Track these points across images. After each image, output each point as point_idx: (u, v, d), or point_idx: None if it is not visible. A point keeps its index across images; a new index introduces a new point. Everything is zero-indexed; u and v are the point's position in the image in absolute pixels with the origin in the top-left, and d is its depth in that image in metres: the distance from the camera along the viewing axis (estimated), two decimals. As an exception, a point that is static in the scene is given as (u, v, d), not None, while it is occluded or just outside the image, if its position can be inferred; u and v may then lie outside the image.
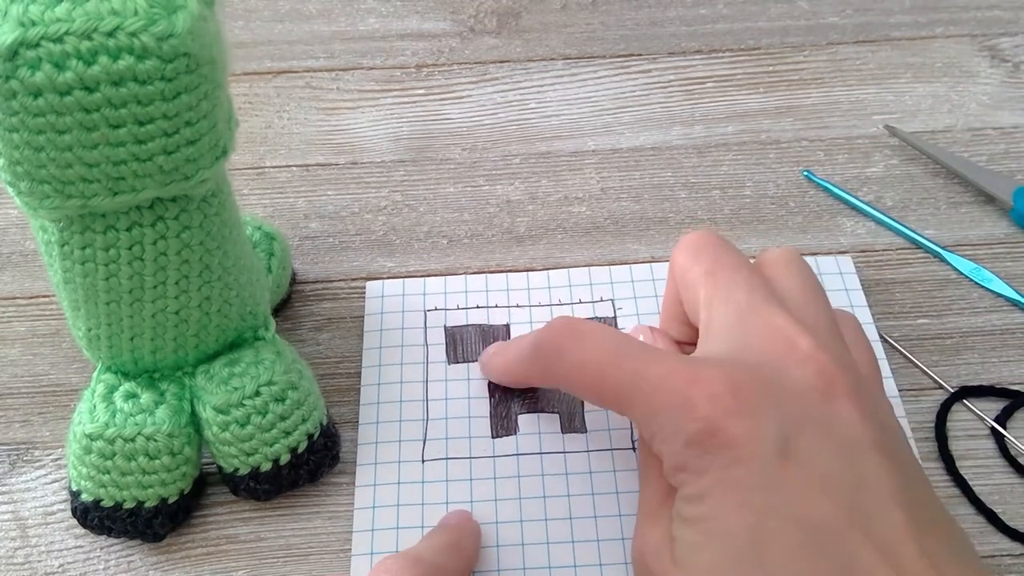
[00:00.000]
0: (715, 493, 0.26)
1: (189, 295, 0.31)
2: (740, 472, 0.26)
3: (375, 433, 0.37)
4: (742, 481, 0.26)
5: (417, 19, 0.54)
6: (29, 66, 0.24)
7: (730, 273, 0.31)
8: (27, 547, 0.35)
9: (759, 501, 0.26)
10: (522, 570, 0.33)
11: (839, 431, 0.27)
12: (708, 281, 0.31)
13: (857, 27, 0.53)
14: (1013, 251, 0.43)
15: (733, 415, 0.27)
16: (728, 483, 0.26)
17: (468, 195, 0.46)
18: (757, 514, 0.26)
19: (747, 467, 0.26)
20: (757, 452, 0.26)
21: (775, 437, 0.26)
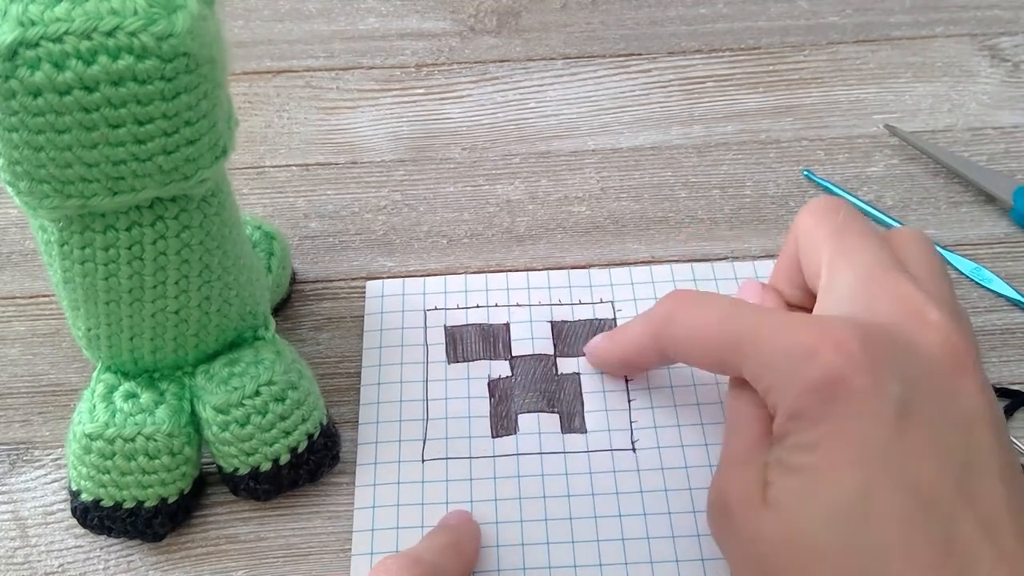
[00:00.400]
0: (828, 444, 0.26)
1: (189, 295, 0.31)
2: (858, 426, 0.26)
3: (375, 433, 0.37)
4: (858, 436, 0.26)
5: (417, 19, 0.54)
6: (29, 66, 0.24)
7: (857, 238, 0.31)
8: (27, 547, 0.35)
9: (873, 459, 0.26)
10: (522, 570, 0.33)
11: (959, 404, 0.27)
12: (833, 242, 0.31)
13: (857, 27, 0.53)
14: (1013, 251, 0.43)
15: (859, 367, 0.26)
16: (843, 436, 0.26)
17: (468, 195, 0.46)
18: (869, 471, 0.25)
19: (866, 422, 0.26)
20: (878, 409, 0.26)
21: (897, 397, 0.26)
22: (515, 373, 0.38)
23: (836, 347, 0.27)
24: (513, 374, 0.38)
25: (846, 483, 0.26)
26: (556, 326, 0.40)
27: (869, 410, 0.26)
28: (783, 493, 0.27)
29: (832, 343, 0.27)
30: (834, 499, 0.26)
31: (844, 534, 0.25)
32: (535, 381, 0.38)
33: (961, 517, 0.25)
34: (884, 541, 0.25)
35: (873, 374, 0.26)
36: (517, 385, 0.38)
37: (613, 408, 0.37)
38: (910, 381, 0.27)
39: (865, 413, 0.26)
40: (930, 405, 0.26)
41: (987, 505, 0.25)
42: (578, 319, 0.40)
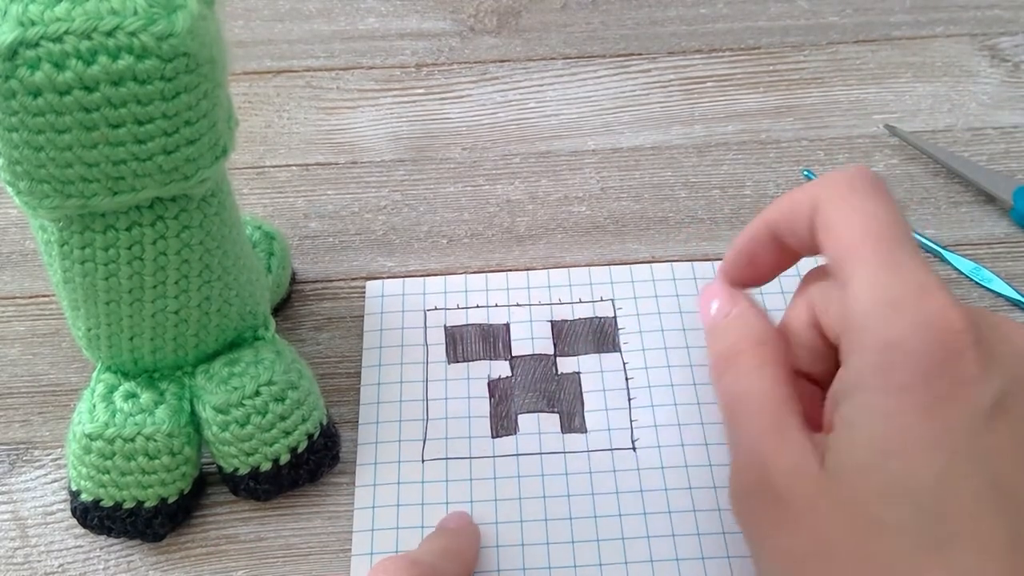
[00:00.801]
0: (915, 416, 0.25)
1: (189, 295, 0.31)
2: (955, 409, 0.25)
3: (375, 433, 0.37)
4: (952, 417, 0.25)
5: (417, 19, 0.54)
6: (29, 66, 0.24)
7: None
8: (27, 547, 0.35)
9: (960, 444, 0.25)
10: (522, 570, 0.33)
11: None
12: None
13: (857, 27, 0.53)
14: (1013, 251, 0.43)
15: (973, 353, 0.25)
16: (935, 414, 0.25)
17: (468, 195, 0.46)
18: (953, 456, 0.25)
19: (963, 407, 0.25)
20: (978, 397, 0.25)
21: (998, 390, 0.25)
22: (515, 373, 0.38)
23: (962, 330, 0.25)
24: (513, 374, 0.38)
25: (928, 463, 0.24)
26: (556, 326, 0.40)
27: (969, 397, 0.25)
28: (849, 462, 0.25)
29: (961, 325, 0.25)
30: (911, 478, 0.25)
31: (913, 515, 0.24)
32: (535, 381, 0.38)
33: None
34: (952, 527, 0.24)
35: (982, 365, 0.25)
36: (517, 385, 0.38)
37: (613, 407, 0.37)
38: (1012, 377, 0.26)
39: (964, 399, 0.25)
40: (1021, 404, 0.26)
41: None
42: (578, 318, 0.40)
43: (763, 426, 0.28)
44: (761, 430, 0.28)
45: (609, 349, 0.39)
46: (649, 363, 0.39)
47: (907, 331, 0.25)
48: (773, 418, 0.28)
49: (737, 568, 0.33)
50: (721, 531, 0.34)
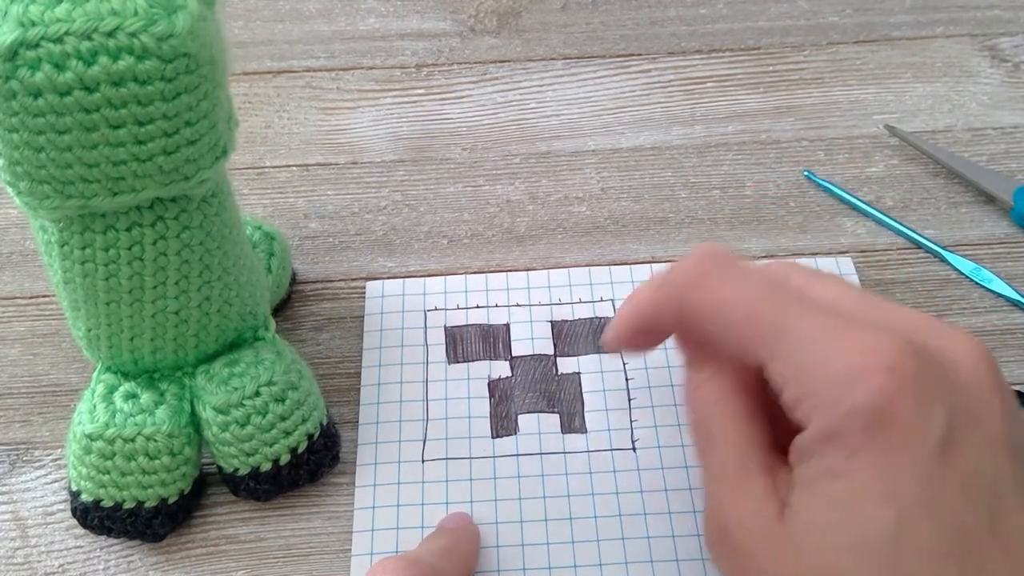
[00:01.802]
0: (866, 473, 0.24)
1: (189, 295, 0.31)
2: (901, 457, 0.24)
3: (375, 433, 0.37)
4: (900, 467, 0.24)
5: (417, 19, 0.54)
6: (29, 66, 0.24)
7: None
8: (27, 547, 0.35)
9: (912, 491, 0.24)
10: (522, 570, 0.33)
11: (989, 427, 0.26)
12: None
13: (857, 27, 0.53)
14: (1013, 251, 0.43)
15: (909, 393, 0.24)
16: (885, 466, 0.24)
17: (468, 195, 0.46)
18: (907, 503, 0.24)
19: (909, 454, 0.24)
20: (922, 439, 0.24)
21: (942, 425, 0.25)
22: (515, 373, 0.38)
23: (889, 371, 0.25)
24: (513, 374, 0.38)
25: (881, 516, 0.24)
26: (556, 326, 0.40)
27: (913, 440, 0.24)
28: (807, 520, 0.25)
29: (885, 365, 0.25)
30: (866, 531, 0.24)
31: (874, 569, 0.24)
32: (535, 381, 0.38)
33: (993, 558, 0.24)
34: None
35: (923, 402, 0.25)
36: (517, 385, 0.38)
37: (613, 408, 0.37)
38: (955, 406, 0.25)
39: (909, 444, 0.24)
40: (970, 433, 0.25)
41: (1016, 542, 0.24)
42: (578, 318, 0.40)
43: (728, 466, 0.28)
44: (725, 470, 0.28)
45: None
46: (649, 363, 0.39)
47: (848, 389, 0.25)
48: (737, 463, 0.27)
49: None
50: (721, 531, 0.34)
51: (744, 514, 0.26)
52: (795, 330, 0.26)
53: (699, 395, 0.29)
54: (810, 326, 0.26)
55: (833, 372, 0.25)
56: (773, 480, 0.27)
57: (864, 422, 0.25)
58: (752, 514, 0.26)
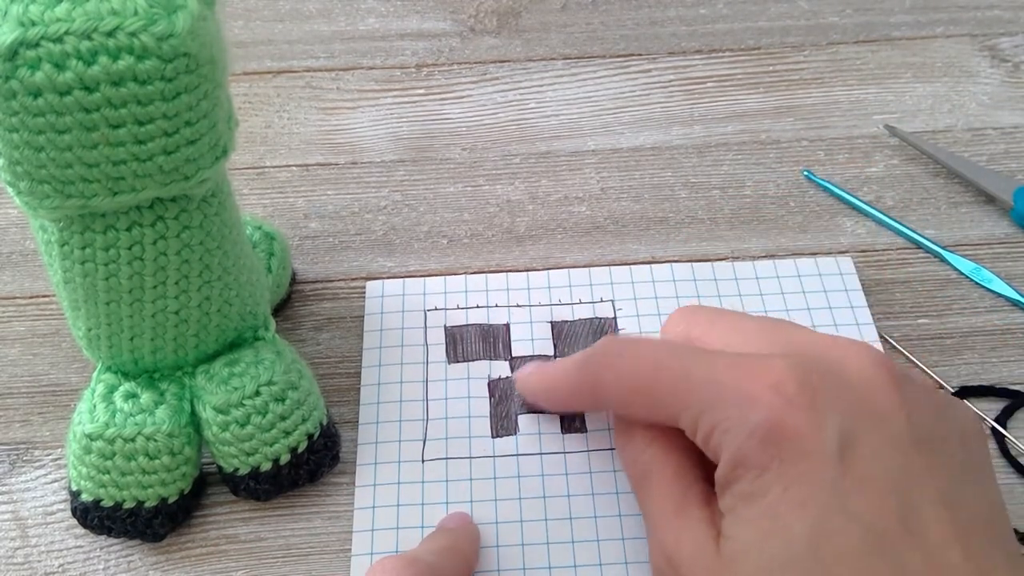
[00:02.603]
0: (776, 489, 0.26)
1: (189, 295, 0.31)
2: (803, 468, 0.26)
3: (375, 433, 0.37)
4: (804, 477, 0.25)
5: (417, 19, 0.54)
6: (29, 66, 0.24)
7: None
8: (27, 547, 0.35)
9: (820, 499, 0.25)
10: (522, 570, 0.33)
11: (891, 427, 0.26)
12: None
13: (857, 27, 0.53)
14: (1013, 251, 0.43)
15: (798, 406, 0.26)
16: (790, 478, 0.26)
17: (468, 195, 0.46)
18: (818, 512, 0.25)
19: (810, 463, 0.25)
20: (820, 447, 0.26)
21: (838, 431, 0.26)
22: (515, 373, 0.38)
23: (774, 390, 0.26)
24: (513, 374, 0.38)
25: (796, 528, 0.25)
26: (556, 326, 0.40)
27: (812, 450, 0.26)
28: (738, 545, 0.26)
29: (769, 385, 0.26)
30: (786, 546, 0.25)
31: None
32: (535, 381, 0.38)
33: (908, 550, 0.25)
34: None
35: (812, 412, 0.26)
36: (517, 385, 0.38)
37: (613, 408, 0.37)
38: (848, 411, 0.26)
39: (808, 453, 0.26)
40: (868, 434, 0.26)
41: (933, 533, 0.25)
42: (578, 319, 0.40)
43: (666, 504, 0.29)
44: (664, 513, 0.29)
45: (609, 349, 0.39)
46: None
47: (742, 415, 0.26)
48: (675, 498, 0.29)
49: None
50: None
51: (685, 546, 0.28)
52: (696, 378, 0.28)
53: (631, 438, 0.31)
54: (706, 370, 0.28)
55: (729, 401, 0.27)
56: (711, 511, 0.28)
57: (761, 441, 0.26)
58: (693, 545, 0.28)
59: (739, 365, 0.28)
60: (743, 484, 0.27)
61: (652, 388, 0.29)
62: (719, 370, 0.28)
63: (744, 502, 0.26)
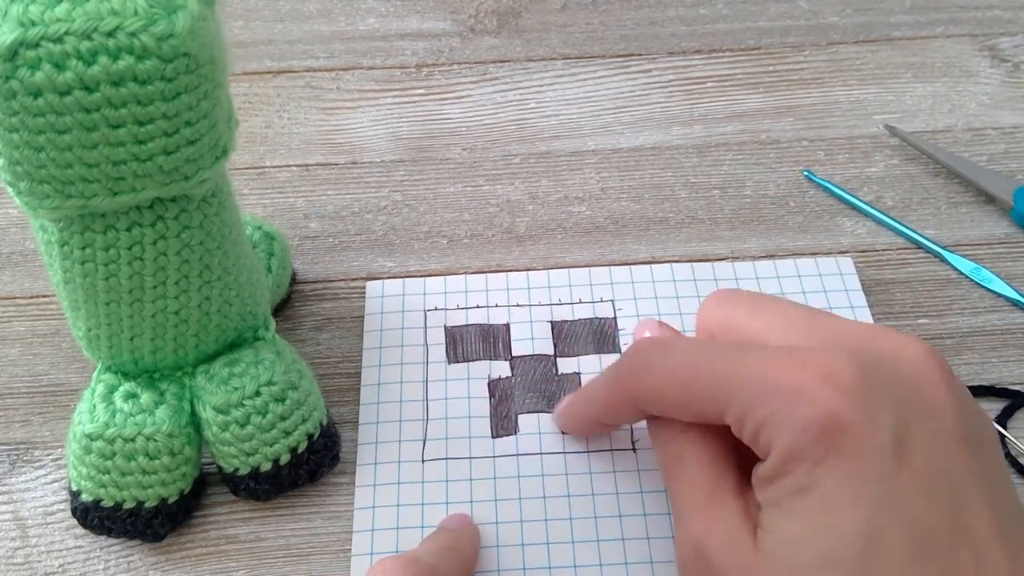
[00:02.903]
0: (828, 483, 0.25)
1: (189, 295, 0.31)
2: (857, 462, 0.25)
3: (375, 433, 0.37)
4: (858, 472, 0.25)
5: (417, 19, 0.54)
6: (29, 66, 0.24)
7: None
8: (27, 547, 0.35)
9: (873, 495, 0.25)
10: (522, 570, 0.33)
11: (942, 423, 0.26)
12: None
13: (857, 27, 0.53)
14: (1013, 251, 0.43)
15: (852, 400, 0.25)
16: (843, 473, 0.25)
17: (468, 195, 0.46)
18: (870, 509, 0.25)
19: (864, 457, 0.25)
20: (875, 441, 0.25)
21: (892, 425, 0.25)
22: (515, 373, 0.38)
23: (828, 382, 0.26)
24: (513, 374, 0.38)
25: (847, 524, 0.25)
26: (556, 326, 0.40)
27: (866, 444, 0.25)
28: (780, 538, 0.26)
29: (821, 377, 0.26)
30: (835, 541, 0.25)
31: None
32: (535, 381, 0.38)
33: (958, 551, 0.24)
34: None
35: (867, 405, 0.25)
36: (517, 385, 0.38)
37: (613, 408, 0.37)
38: (902, 405, 0.26)
39: (862, 448, 0.25)
40: (921, 429, 0.26)
41: (979, 534, 0.25)
42: (578, 318, 0.40)
43: (698, 495, 0.28)
44: (696, 502, 0.28)
45: (609, 350, 0.39)
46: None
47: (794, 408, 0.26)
48: (708, 486, 0.28)
49: None
50: (721, 531, 0.34)
51: (719, 536, 0.27)
52: (741, 373, 0.27)
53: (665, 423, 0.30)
54: (753, 365, 0.27)
55: (780, 395, 0.26)
56: (745, 503, 0.28)
57: (816, 434, 0.25)
58: (726, 536, 0.27)
59: (790, 358, 0.27)
60: (793, 478, 0.26)
61: (694, 387, 0.28)
62: (768, 364, 0.27)
63: (793, 496, 0.26)
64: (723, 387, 0.28)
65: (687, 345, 0.30)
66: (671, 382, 0.29)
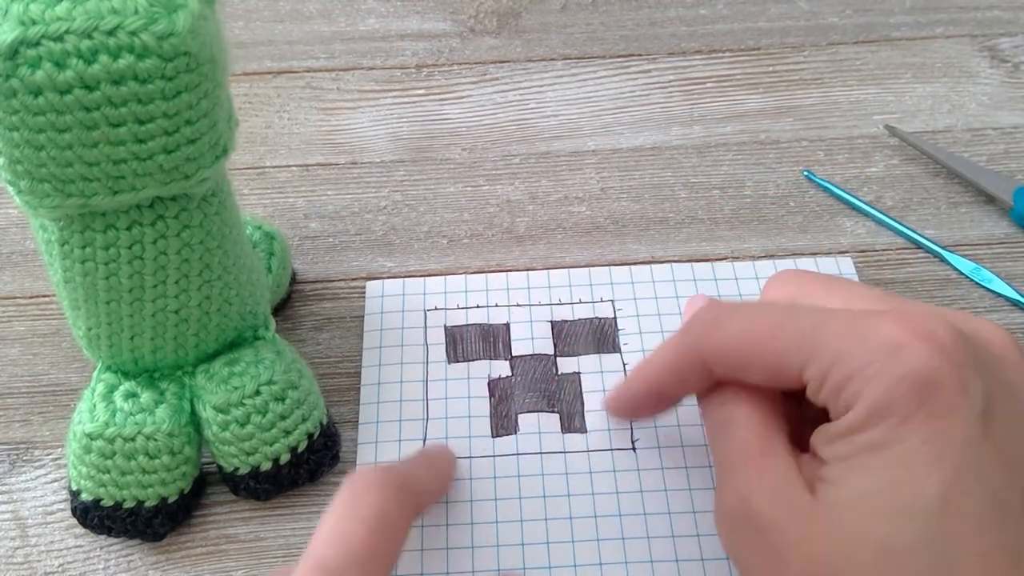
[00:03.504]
0: (915, 439, 0.25)
1: (189, 294, 0.31)
2: (947, 423, 0.25)
3: (375, 433, 0.37)
4: (946, 432, 0.25)
5: (417, 19, 0.54)
6: (29, 65, 0.24)
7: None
8: (27, 547, 0.35)
9: (958, 457, 0.25)
10: (522, 570, 0.33)
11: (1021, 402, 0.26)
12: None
13: (857, 27, 0.53)
14: (1013, 251, 0.43)
15: (951, 360, 0.25)
16: (931, 431, 0.25)
17: (468, 195, 0.46)
18: (954, 470, 0.24)
19: (954, 419, 0.25)
20: (966, 405, 0.25)
21: (982, 395, 0.25)
22: (515, 373, 0.38)
23: (927, 339, 0.25)
24: (513, 374, 0.38)
25: (929, 481, 0.24)
26: (556, 326, 0.40)
27: (958, 407, 0.25)
28: (850, 491, 0.25)
29: (922, 335, 0.26)
30: (915, 496, 0.24)
31: (918, 535, 0.24)
32: (535, 381, 0.38)
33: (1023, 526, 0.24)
34: (959, 546, 0.24)
35: (962, 370, 0.25)
36: (517, 385, 0.38)
37: (613, 408, 0.37)
38: (990, 378, 0.26)
39: (954, 410, 0.25)
40: (1004, 404, 0.26)
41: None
42: (578, 318, 0.40)
43: (749, 450, 0.28)
44: (747, 454, 0.28)
45: (609, 350, 0.39)
46: (649, 363, 0.39)
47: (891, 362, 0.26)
48: (759, 442, 0.28)
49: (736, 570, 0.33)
50: (721, 531, 0.34)
51: (770, 487, 0.27)
52: (830, 327, 0.27)
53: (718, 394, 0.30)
54: (839, 321, 0.27)
55: (876, 347, 0.26)
56: (798, 460, 0.27)
57: (911, 389, 0.25)
58: (779, 487, 0.26)
59: (886, 315, 0.27)
60: (875, 432, 0.25)
61: (774, 342, 0.28)
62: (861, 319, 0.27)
63: (870, 451, 0.25)
64: (807, 341, 0.27)
65: (764, 304, 0.30)
66: (750, 336, 0.28)
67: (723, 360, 0.29)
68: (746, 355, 0.29)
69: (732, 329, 0.29)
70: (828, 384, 0.27)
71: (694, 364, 0.30)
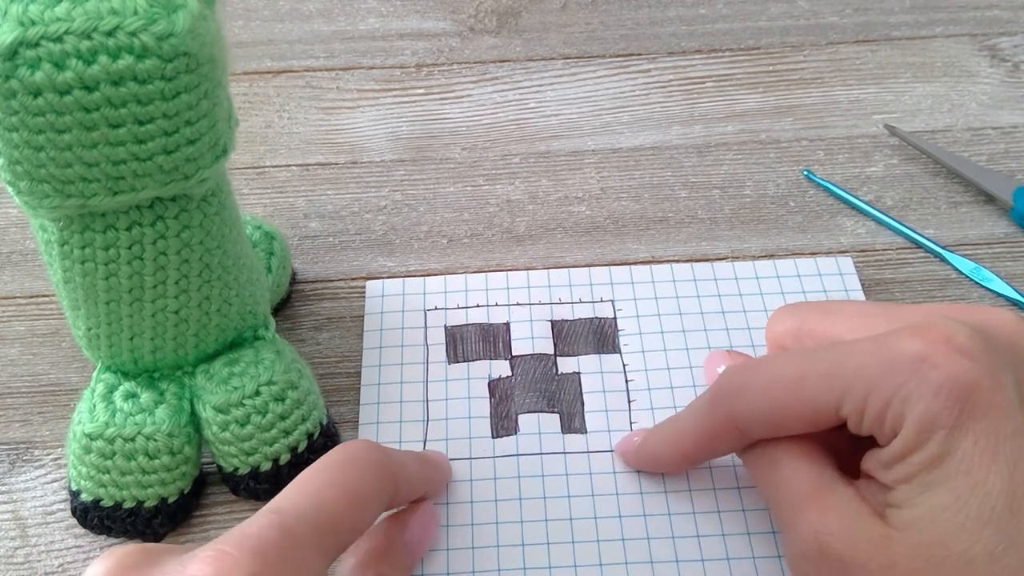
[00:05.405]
0: (966, 444, 0.25)
1: (189, 295, 0.31)
2: (991, 420, 0.25)
3: (375, 433, 0.37)
4: (993, 429, 0.25)
5: (417, 19, 0.54)
6: (29, 65, 0.24)
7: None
8: (27, 547, 0.35)
9: (1010, 449, 0.25)
10: (522, 570, 0.33)
11: None
12: None
13: (857, 27, 0.53)
14: (1013, 251, 0.43)
15: (976, 360, 0.25)
16: (979, 432, 0.25)
17: (468, 195, 0.46)
18: (1011, 463, 0.25)
19: (997, 414, 0.25)
20: (1004, 398, 0.25)
21: (1014, 383, 0.25)
22: (515, 373, 0.38)
23: (948, 345, 0.26)
24: (513, 374, 0.38)
25: (992, 481, 0.25)
26: (556, 325, 0.40)
27: (997, 402, 0.25)
28: (922, 510, 0.25)
29: (942, 342, 0.26)
30: (984, 499, 0.25)
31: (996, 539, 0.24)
32: (535, 381, 0.38)
33: None
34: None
35: (990, 365, 0.25)
36: (517, 385, 0.38)
37: (613, 408, 0.37)
38: (1015, 365, 0.26)
39: (994, 405, 0.25)
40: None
41: None
42: (578, 318, 0.40)
43: (803, 489, 0.28)
44: (803, 494, 0.28)
45: (609, 350, 0.39)
46: (649, 365, 0.38)
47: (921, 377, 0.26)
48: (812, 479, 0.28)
49: (737, 570, 0.33)
50: (721, 533, 0.34)
51: (840, 521, 0.27)
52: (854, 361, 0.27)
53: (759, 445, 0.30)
54: (859, 352, 0.27)
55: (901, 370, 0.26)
56: (855, 489, 0.27)
57: (949, 397, 0.25)
58: (849, 520, 0.27)
59: (903, 332, 0.27)
60: (929, 448, 0.25)
61: (803, 390, 0.28)
62: (881, 344, 0.27)
63: (929, 467, 0.25)
64: (836, 379, 0.27)
65: (782, 355, 0.30)
66: (776, 391, 0.29)
67: (758, 424, 0.30)
68: (779, 412, 0.29)
69: (758, 386, 0.29)
70: (868, 414, 0.27)
71: (729, 432, 0.30)
